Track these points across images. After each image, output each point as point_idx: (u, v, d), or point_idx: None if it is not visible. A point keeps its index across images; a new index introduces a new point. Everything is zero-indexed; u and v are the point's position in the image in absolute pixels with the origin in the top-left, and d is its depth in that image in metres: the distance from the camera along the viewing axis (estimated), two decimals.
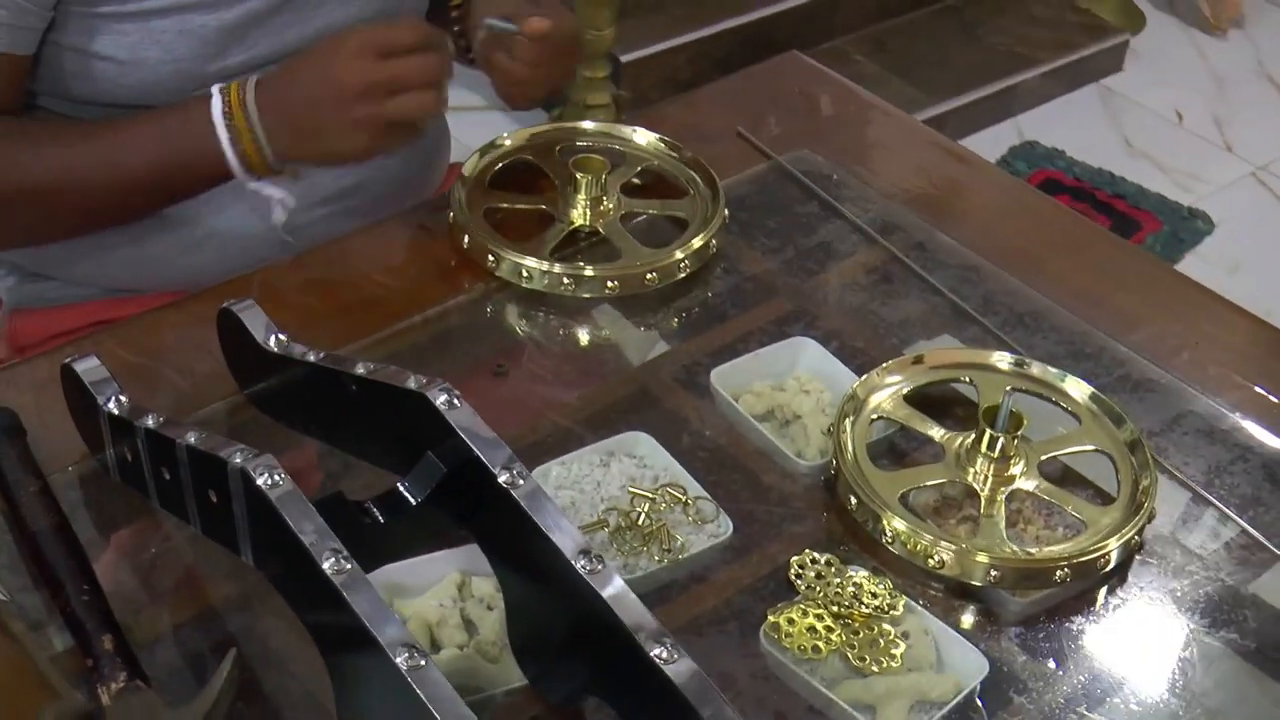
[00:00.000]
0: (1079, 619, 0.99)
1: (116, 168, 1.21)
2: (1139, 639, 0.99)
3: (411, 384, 0.90)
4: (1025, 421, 1.04)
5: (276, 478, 0.83)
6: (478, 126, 2.88)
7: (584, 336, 1.19)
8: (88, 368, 0.99)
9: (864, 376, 1.10)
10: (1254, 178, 3.13)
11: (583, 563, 0.82)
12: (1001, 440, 1.03)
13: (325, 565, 0.79)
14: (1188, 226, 2.93)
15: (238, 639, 0.94)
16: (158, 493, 0.95)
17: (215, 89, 1.18)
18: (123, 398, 0.97)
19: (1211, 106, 3.34)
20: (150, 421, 0.93)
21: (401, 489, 0.88)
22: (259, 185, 1.21)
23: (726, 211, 1.26)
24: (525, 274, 1.19)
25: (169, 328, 1.17)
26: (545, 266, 1.19)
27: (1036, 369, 1.12)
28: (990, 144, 3.10)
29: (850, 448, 1.05)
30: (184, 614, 0.96)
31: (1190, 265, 2.84)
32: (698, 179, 1.30)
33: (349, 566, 0.80)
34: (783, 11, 3.10)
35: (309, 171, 1.31)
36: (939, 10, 3.38)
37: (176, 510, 0.94)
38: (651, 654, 0.78)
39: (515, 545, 0.86)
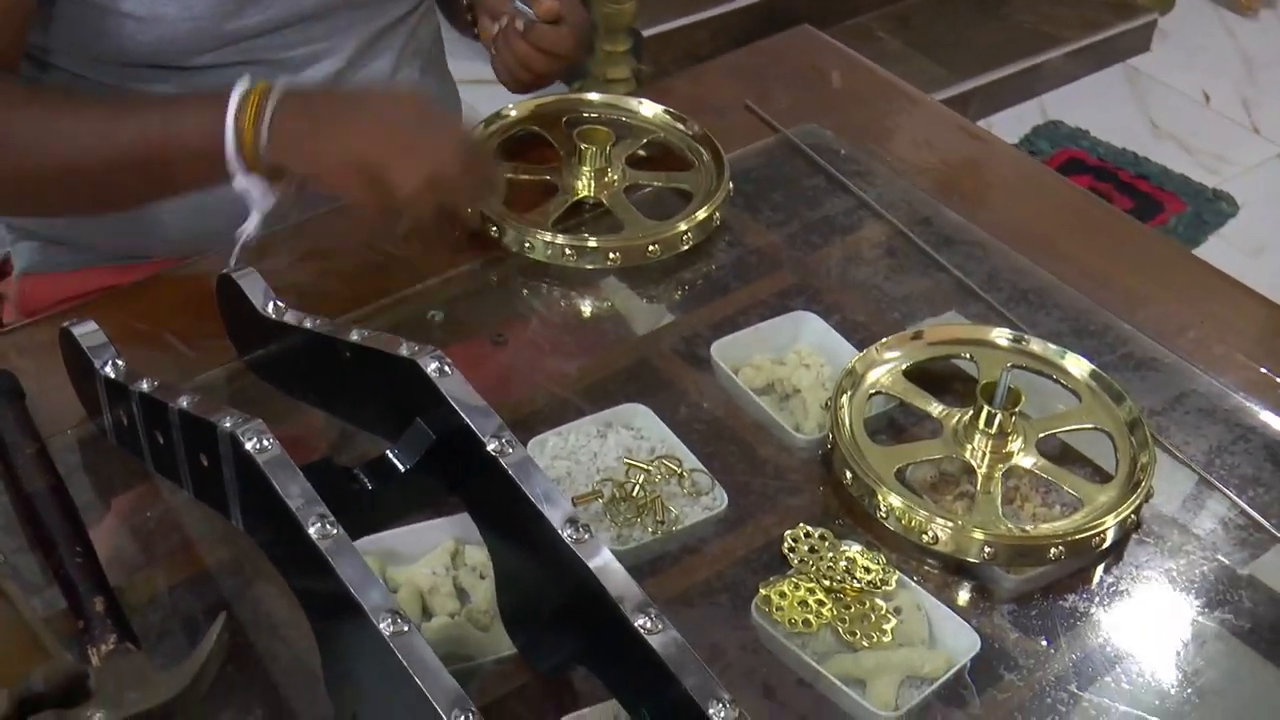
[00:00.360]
0: (1073, 597, 0.99)
1: (113, 129, 1.15)
2: (1133, 618, 0.98)
3: (404, 351, 0.90)
4: (1023, 398, 1.03)
5: (265, 442, 0.83)
6: (494, 99, 2.89)
7: (585, 308, 1.19)
8: (85, 332, 0.99)
9: (863, 352, 1.10)
10: None
11: (570, 532, 0.82)
12: (999, 417, 1.03)
13: (311, 530, 0.79)
14: (1211, 208, 2.91)
15: (230, 603, 0.94)
16: (152, 456, 0.95)
17: (248, 75, 1.13)
18: (119, 362, 0.97)
19: (1240, 88, 3.31)
20: (145, 385, 0.93)
21: (390, 456, 0.88)
22: (244, 181, 1.13)
23: (731, 184, 1.25)
24: (528, 244, 1.19)
25: (172, 293, 1.18)
26: (548, 237, 1.19)
27: (1036, 345, 1.12)
28: (1014, 123, 3.08)
29: (847, 422, 1.05)
30: (177, 577, 0.96)
31: (1213, 247, 2.82)
32: (703, 151, 1.29)
33: (335, 532, 0.80)
34: None
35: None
36: None
37: (170, 474, 0.94)
38: (636, 624, 0.78)
39: (504, 514, 0.86)
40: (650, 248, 1.20)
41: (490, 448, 0.85)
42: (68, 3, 1.21)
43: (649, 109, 1.33)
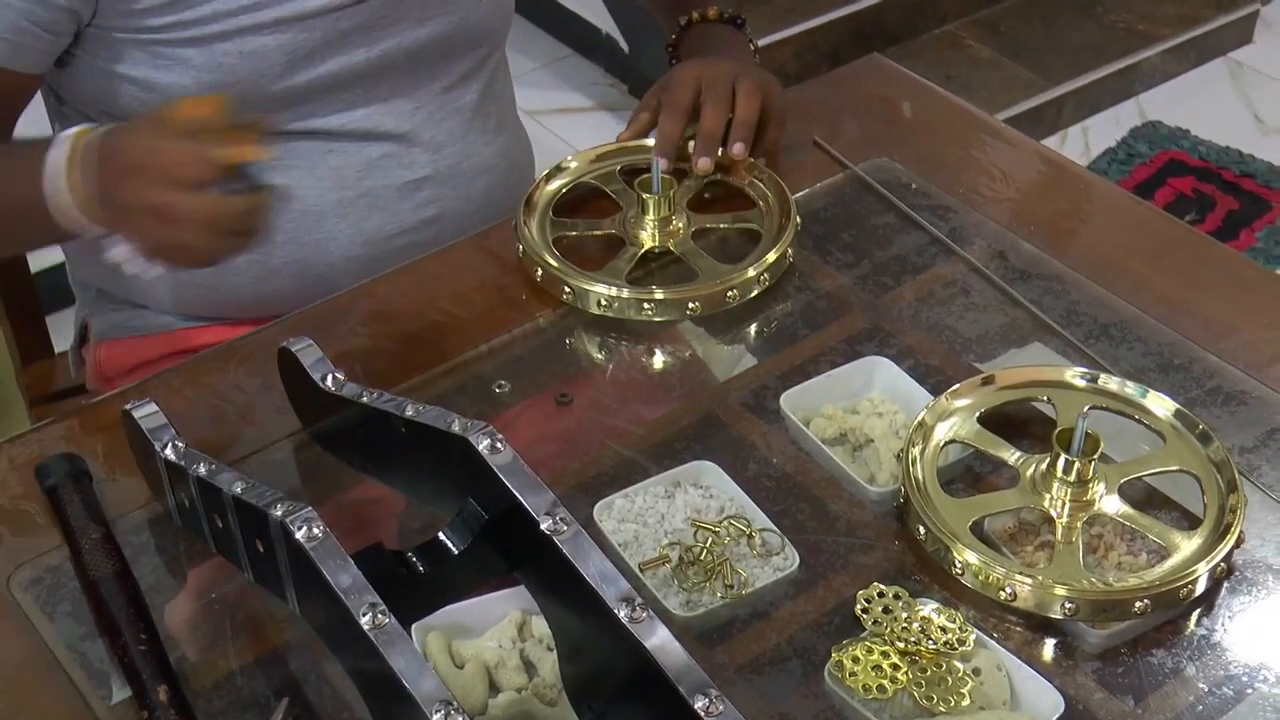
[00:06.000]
0: (1161, 652, 0.95)
1: None
2: (1227, 672, 0.94)
3: (456, 427, 0.88)
4: (1102, 443, 0.99)
5: (315, 530, 0.82)
6: (572, 128, 2.88)
7: (651, 362, 1.17)
8: (146, 414, 0.99)
9: (932, 401, 1.06)
10: None
11: (625, 611, 0.80)
12: (1077, 465, 0.99)
13: (362, 620, 0.79)
14: None
15: (296, 685, 0.94)
16: (213, 539, 0.95)
17: (68, 133, 1.09)
18: (179, 443, 0.97)
19: None
20: (202, 469, 0.93)
21: (442, 538, 0.87)
22: (108, 240, 1.08)
23: (799, 220, 1.22)
24: (601, 302, 1.17)
25: (241, 363, 1.17)
26: (621, 293, 1.16)
27: (1115, 385, 1.07)
28: (1111, 126, 3.01)
29: (919, 475, 1.02)
30: (243, 659, 0.95)
31: None
32: (768, 192, 1.27)
33: (386, 621, 0.79)
34: None
35: (387, 202, 1.30)
36: None
37: (230, 556, 0.94)
38: (694, 705, 0.76)
39: (561, 592, 0.85)
40: (729, 294, 1.17)
41: (544, 526, 0.83)
42: (110, 77, 1.22)
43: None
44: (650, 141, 1.31)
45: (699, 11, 1.39)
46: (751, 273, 1.19)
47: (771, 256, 1.20)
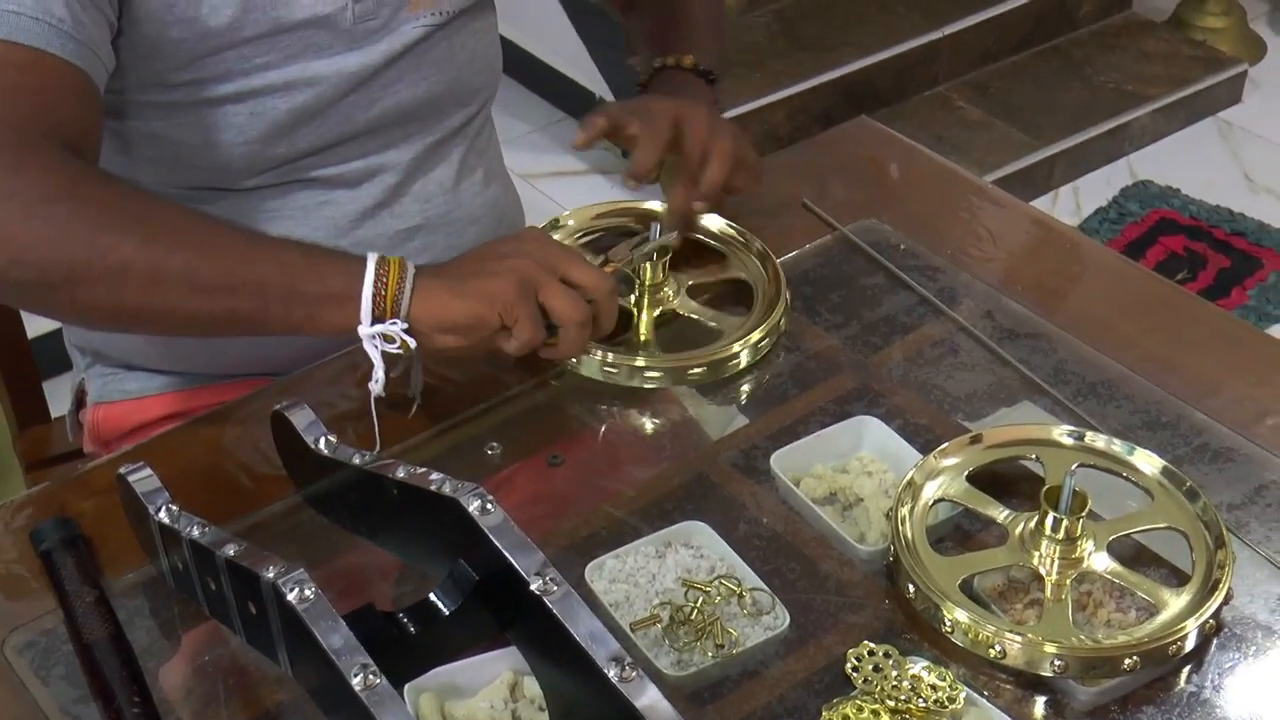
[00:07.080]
0: (1151, 709, 0.95)
1: (250, 246, 1.09)
2: None
3: (446, 489, 0.89)
4: (1089, 501, 1.00)
5: (307, 592, 0.83)
6: (565, 191, 2.91)
7: (642, 424, 1.18)
8: (140, 477, 1.00)
9: (921, 460, 1.07)
10: None
11: (615, 671, 0.81)
12: (1065, 522, 1.00)
13: (354, 682, 0.79)
14: None
15: None
16: (206, 601, 0.96)
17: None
18: (173, 507, 0.98)
19: None
20: (195, 532, 0.93)
21: (433, 599, 0.87)
22: (377, 329, 1.08)
23: (788, 295, 1.23)
24: (573, 361, 1.17)
25: (236, 427, 1.18)
26: (596, 355, 1.17)
27: (1103, 443, 1.08)
28: (1101, 185, 3.04)
29: (909, 534, 1.02)
30: None
31: None
32: (764, 269, 1.27)
33: (378, 682, 0.79)
34: (883, 61, 3.06)
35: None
36: (1044, 51, 3.32)
37: (224, 619, 0.94)
38: None
39: (551, 652, 0.85)
40: (691, 371, 1.18)
41: (533, 586, 0.84)
42: (125, 137, 1.23)
43: (714, 222, 1.30)
44: (646, 205, 1.33)
45: (675, 58, 1.41)
46: (729, 351, 1.19)
47: (755, 337, 1.20)
